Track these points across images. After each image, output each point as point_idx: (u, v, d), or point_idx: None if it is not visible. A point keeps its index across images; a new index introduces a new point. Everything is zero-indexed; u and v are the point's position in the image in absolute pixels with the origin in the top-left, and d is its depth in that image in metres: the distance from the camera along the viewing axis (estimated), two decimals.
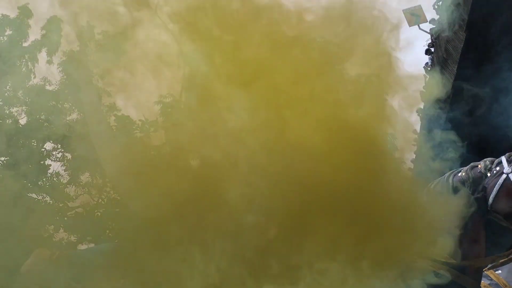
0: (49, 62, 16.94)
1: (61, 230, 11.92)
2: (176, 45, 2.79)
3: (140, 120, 10.58)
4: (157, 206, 2.27)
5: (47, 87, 16.28)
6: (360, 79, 2.67)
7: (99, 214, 11.91)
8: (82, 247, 12.22)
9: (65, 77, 16.08)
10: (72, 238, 14.75)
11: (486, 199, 2.31)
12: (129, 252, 2.13)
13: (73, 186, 15.20)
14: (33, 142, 14.29)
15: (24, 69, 16.51)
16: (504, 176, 2.27)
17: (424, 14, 8.57)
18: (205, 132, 2.51)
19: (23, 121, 15.44)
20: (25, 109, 15.83)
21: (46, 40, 16.68)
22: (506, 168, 2.28)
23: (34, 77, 16.86)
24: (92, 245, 11.13)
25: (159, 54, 2.93)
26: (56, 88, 16.27)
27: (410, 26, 8.83)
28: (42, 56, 17.68)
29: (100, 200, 13.19)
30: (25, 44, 16.73)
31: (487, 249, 2.36)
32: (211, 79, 2.51)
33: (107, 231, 12.19)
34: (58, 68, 16.11)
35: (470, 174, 2.42)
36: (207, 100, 2.64)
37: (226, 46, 2.47)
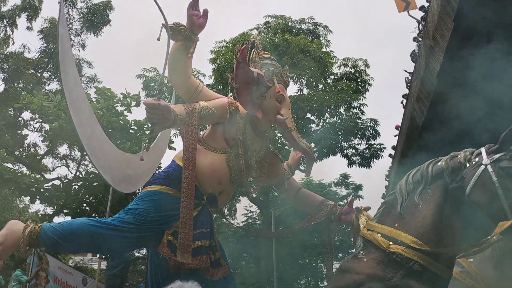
0: (29, 28, 16.38)
1: (37, 202, 11.79)
2: None
3: (121, 93, 10.38)
4: None
5: (26, 55, 15.78)
6: None
7: (77, 187, 11.78)
8: (59, 219, 12.05)
9: (45, 45, 15.59)
10: (49, 210, 14.54)
11: (464, 189, 2.31)
12: None
13: (51, 158, 14.96)
14: (10, 111, 13.90)
15: (2, 34, 15.93)
16: (482, 167, 2.26)
17: (414, 0, 8.54)
18: None
19: (0, 88, 14.96)
20: (2, 76, 15.34)
21: (26, 5, 16.08)
22: (485, 159, 2.28)
23: (13, 43, 16.30)
24: (68, 218, 11.00)
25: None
26: (36, 56, 15.80)
27: (399, 12, 8.81)
28: (22, 21, 16.99)
29: (77, 173, 13.00)
30: (4, 9, 16.07)
31: (461, 237, 2.39)
32: None
33: (85, 205, 12.03)
34: (38, 35, 15.60)
35: (449, 164, 2.41)
36: None
37: None
